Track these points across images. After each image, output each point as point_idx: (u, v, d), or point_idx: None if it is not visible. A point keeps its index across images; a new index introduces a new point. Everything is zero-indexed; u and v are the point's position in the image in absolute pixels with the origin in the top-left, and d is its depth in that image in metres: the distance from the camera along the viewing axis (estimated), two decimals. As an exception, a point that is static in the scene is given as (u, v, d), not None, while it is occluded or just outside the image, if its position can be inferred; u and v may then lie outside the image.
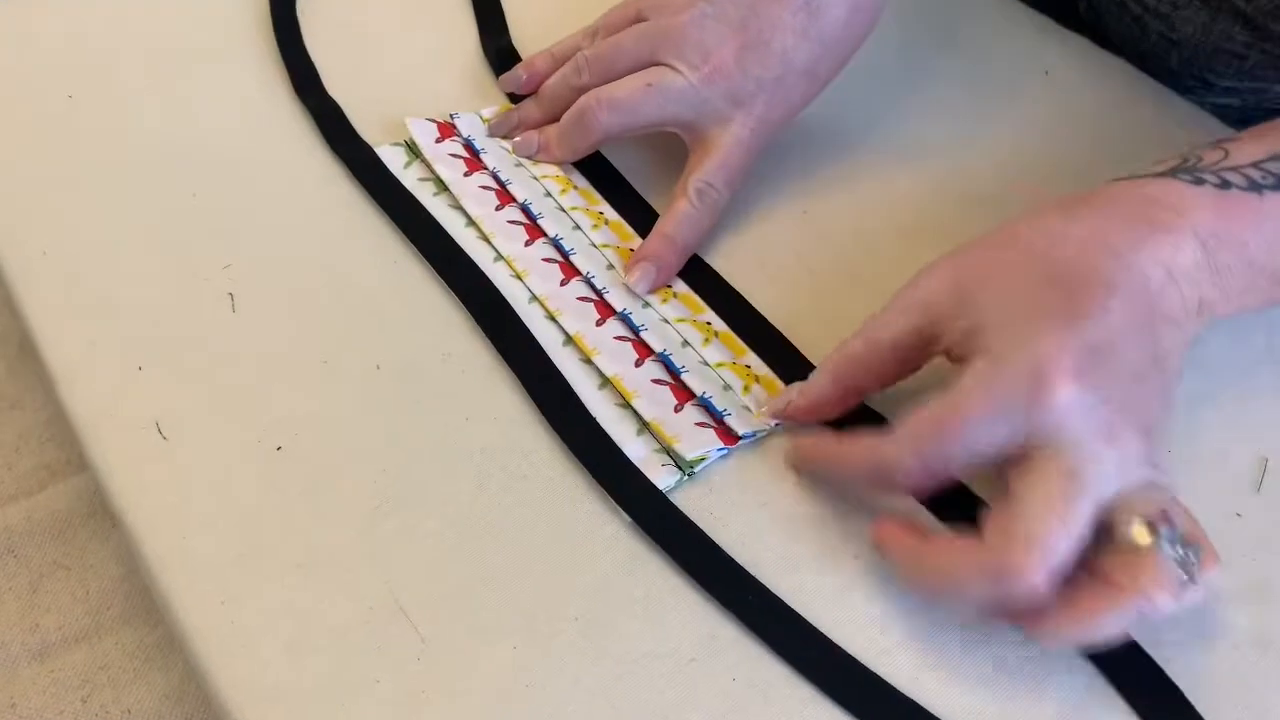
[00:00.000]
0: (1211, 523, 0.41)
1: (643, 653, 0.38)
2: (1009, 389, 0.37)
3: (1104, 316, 0.38)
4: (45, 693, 0.43)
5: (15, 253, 0.49)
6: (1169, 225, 0.40)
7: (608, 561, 0.40)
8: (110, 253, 0.49)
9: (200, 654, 0.38)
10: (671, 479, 0.42)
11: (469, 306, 0.47)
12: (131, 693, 0.44)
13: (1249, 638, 0.39)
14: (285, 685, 0.37)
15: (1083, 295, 0.38)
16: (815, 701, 0.37)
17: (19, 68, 0.57)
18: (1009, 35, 0.61)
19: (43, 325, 0.47)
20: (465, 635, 0.38)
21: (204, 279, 0.48)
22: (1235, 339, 0.48)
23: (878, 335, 0.41)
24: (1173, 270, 0.39)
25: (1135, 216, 0.40)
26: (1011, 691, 0.37)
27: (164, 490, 0.41)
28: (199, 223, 0.50)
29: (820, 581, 0.40)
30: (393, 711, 0.37)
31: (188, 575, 0.39)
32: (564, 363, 0.45)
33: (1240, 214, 0.40)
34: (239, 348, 0.46)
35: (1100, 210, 0.41)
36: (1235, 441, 0.44)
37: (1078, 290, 0.38)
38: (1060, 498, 0.35)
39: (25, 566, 0.47)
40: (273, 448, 0.43)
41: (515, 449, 0.43)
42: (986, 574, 0.35)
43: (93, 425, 0.43)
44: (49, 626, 0.45)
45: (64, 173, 0.52)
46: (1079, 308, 0.38)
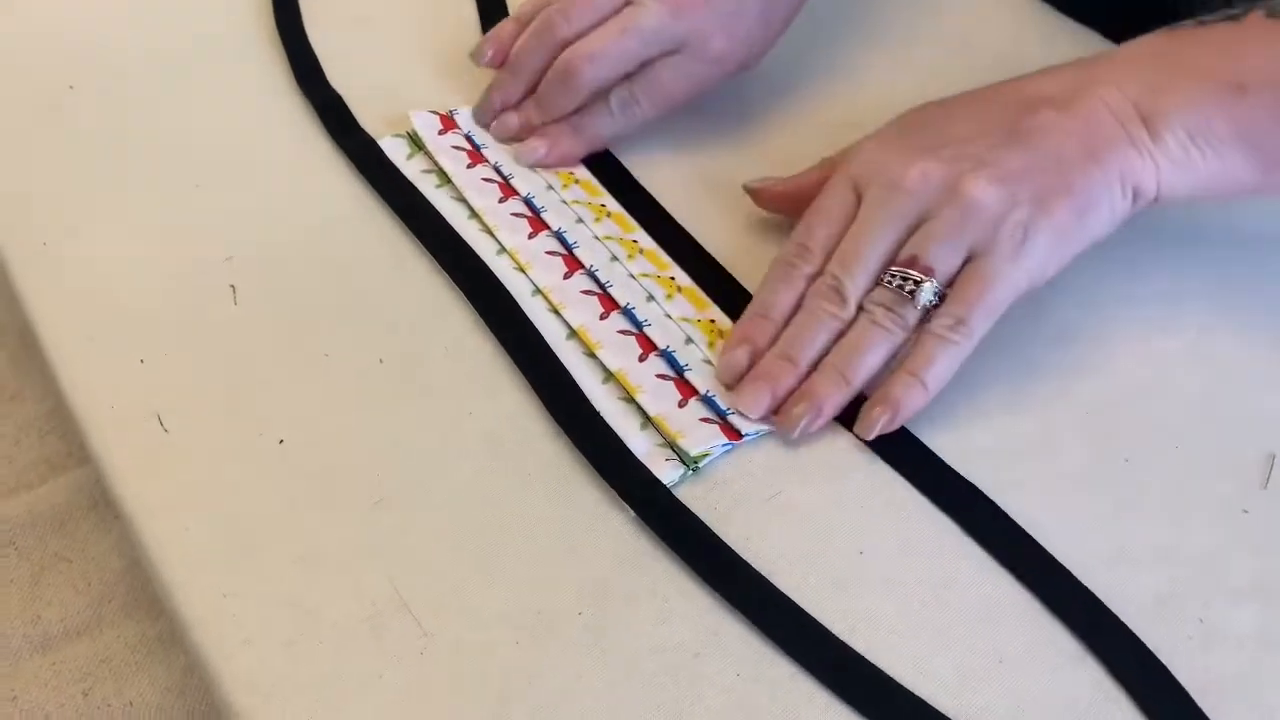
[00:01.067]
0: (1217, 520, 0.42)
1: (646, 648, 0.38)
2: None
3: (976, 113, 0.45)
4: (47, 685, 0.43)
5: (16, 245, 0.49)
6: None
7: (611, 556, 0.40)
8: (111, 245, 0.49)
9: (202, 647, 0.38)
10: (675, 474, 0.42)
11: (472, 299, 0.47)
12: (133, 685, 0.44)
13: (1255, 634, 0.39)
14: (287, 679, 0.37)
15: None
16: (819, 697, 0.37)
17: (20, 58, 0.57)
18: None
19: (44, 318, 0.47)
20: (468, 630, 0.38)
21: (205, 271, 0.48)
22: (1240, 334, 0.48)
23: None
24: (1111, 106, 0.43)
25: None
26: (1017, 688, 0.37)
27: (166, 483, 0.41)
28: (200, 214, 0.50)
29: (823, 577, 0.40)
30: (395, 705, 0.37)
31: (190, 568, 0.39)
32: (568, 356, 0.45)
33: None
34: (241, 340, 0.46)
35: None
36: (1242, 438, 0.44)
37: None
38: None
39: (26, 559, 0.47)
40: (274, 441, 0.43)
41: (518, 443, 0.43)
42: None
43: (95, 418, 0.43)
44: (50, 619, 0.45)
45: (65, 164, 0.52)
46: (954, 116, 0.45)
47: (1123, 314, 0.48)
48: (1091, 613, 0.39)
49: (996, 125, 0.44)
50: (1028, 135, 0.43)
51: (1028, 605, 0.39)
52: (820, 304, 0.44)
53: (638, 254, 0.49)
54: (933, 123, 0.46)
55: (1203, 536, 0.41)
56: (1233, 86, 0.42)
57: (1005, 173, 0.42)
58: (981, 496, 0.42)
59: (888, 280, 0.43)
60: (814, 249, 0.45)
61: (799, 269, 0.45)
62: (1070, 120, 0.43)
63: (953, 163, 0.43)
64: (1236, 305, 0.49)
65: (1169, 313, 0.48)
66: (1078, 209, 0.42)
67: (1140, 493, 0.42)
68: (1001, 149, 0.43)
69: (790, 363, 0.43)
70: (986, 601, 0.39)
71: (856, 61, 0.59)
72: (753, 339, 0.44)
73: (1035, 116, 0.43)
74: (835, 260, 0.44)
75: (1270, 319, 0.48)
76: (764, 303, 0.45)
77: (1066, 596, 0.39)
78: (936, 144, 0.44)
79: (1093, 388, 0.46)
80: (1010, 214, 0.42)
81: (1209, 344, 0.47)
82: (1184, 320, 0.48)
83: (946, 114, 0.46)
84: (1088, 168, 0.42)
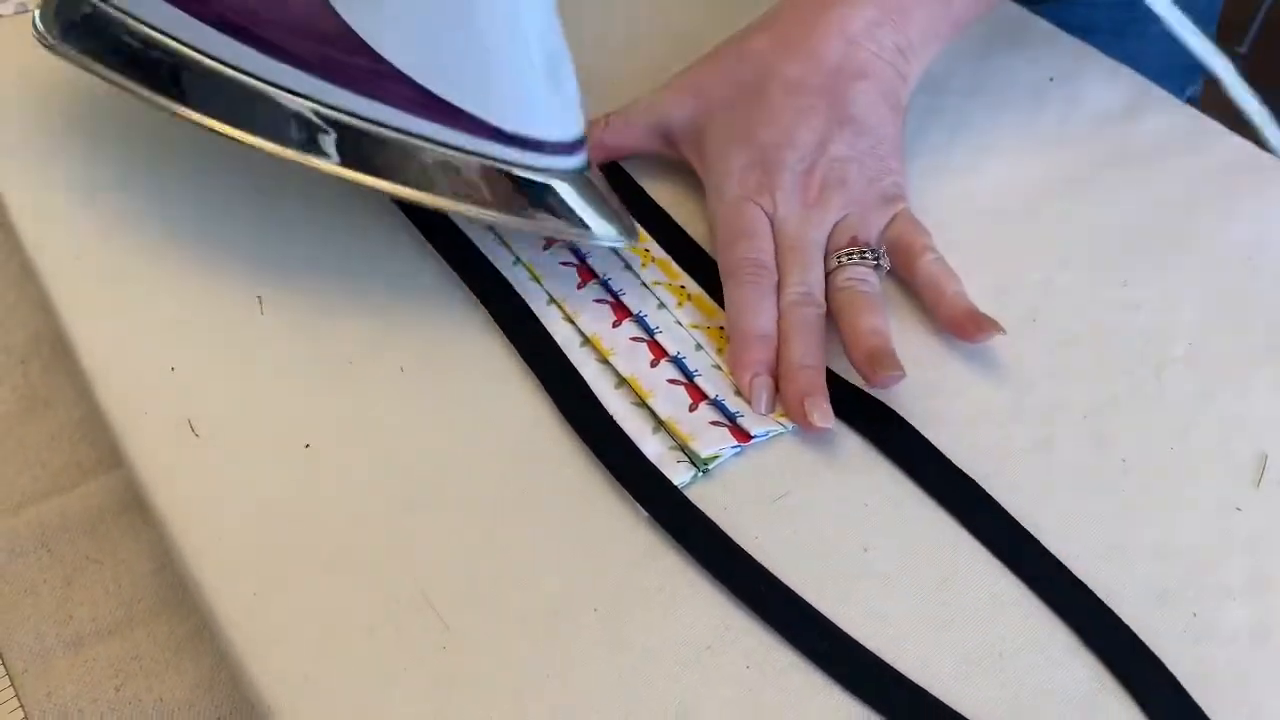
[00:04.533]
0: (1211, 518, 0.43)
1: (660, 642, 0.39)
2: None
3: (773, 116, 0.49)
4: (79, 682, 0.45)
5: (49, 255, 0.50)
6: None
7: (626, 555, 0.41)
8: (141, 255, 0.50)
9: (233, 645, 0.39)
10: (687, 475, 0.43)
11: (489, 308, 0.48)
12: (163, 681, 0.45)
13: (1247, 629, 0.40)
14: (316, 675, 0.38)
15: (756, 105, 0.50)
16: (827, 689, 0.38)
17: (50, 70, 0.58)
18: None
19: (76, 327, 0.48)
20: (489, 627, 0.39)
21: (233, 281, 0.49)
22: (1235, 335, 0.49)
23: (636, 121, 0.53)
24: (850, 35, 0.50)
25: (811, 5, 0.51)
26: (1016, 681, 0.38)
27: (197, 487, 0.43)
28: (229, 226, 0.51)
29: (831, 573, 0.41)
30: (419, 700, 0.38)
31: (221, 569, 0.41)
32: (582, 363, 0.46)
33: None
34: (267, 348, 0.47)
35: (782, 17, 0.52)
36: (1235, 437, 0.45)
37: (753, 103, 0.50)
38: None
39: (59, 561, 0.48)
40: (301, 446, 0.44)
41: (535, 447, 0.44)
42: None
43: (127, 424, 0.45)
44: (82, 618, 0.46)
45: (96, 175, 0.53)
46: (753, 118, 0.50)
47: (1119, 318, 0.49)
48: (1089, 608, 0.40)
49: (820, 115, 0.50)
50: (849, 119, 0.50)
51: (1027, 601, 0.40)
52: (807, 312, 0.47)
53: (650, 263, 0.50)
54: (756, 107, 0.50)
55: (1197, 534, 0.42)
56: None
57: (853, 153, 0.50)
58: (982, 495, 0.43)
59: (848, 257, 0.48)
60: (767, 264, 0.48)
61: (764, 283, 0.47)
62: (867, 82, 0.50)
63: (822, 170, 0.49)
64: (1230, 308, 0.50)
65: (1164, 317, 0.50)
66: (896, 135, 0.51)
67: (1137, 492, 0.43)
68: (838, 138, 0.50)
69: (816, 368, 0.45)
70: (987, 597, 0.40)
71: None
72: (764, 361, 0.46)
73: (850, 97, 0.50)
74: (794, 274, 0.48)
75: (1263, 322, 0.49)
76: (753, 325, 0.46)
77: (1065, 592, 0.40)
78: (781, 141, 0.49)
79: (1090, 390, 0.47)
80: (876, 181, 0.50)
81: (1203, 347, 0.48)
82: (1179, 324, 0.49)
83: (763, 103, 0.50)
84: (895, 119, 0.51)
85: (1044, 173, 0.56)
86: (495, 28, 0.42)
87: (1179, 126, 0.58)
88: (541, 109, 0.44)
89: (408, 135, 0.43)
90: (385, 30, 0.42)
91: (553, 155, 0.44)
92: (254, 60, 0.43)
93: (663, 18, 0.62)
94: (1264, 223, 0.54)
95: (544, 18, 0.43)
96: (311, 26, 0.42)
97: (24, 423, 0.51)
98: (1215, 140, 0.58)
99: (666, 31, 0.55)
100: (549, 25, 0.43)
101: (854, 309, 0.47)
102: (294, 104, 0.44)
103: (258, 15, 0.43)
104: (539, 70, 0.43)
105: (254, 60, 0.43)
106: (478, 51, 0.42)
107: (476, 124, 0.43)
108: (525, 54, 0.42)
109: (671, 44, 0.58)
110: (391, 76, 0.42)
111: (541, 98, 0.43)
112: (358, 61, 0.42)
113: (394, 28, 0.42)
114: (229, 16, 0.43)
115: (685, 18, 0.62)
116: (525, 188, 0.45)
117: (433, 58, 0.42)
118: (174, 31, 0.44)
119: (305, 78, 0.43)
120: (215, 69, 0.44)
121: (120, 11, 0.45)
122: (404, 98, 0.43)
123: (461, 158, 0.44)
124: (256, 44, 0.43)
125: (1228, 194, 0.55)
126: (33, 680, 0.44)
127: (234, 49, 0.43)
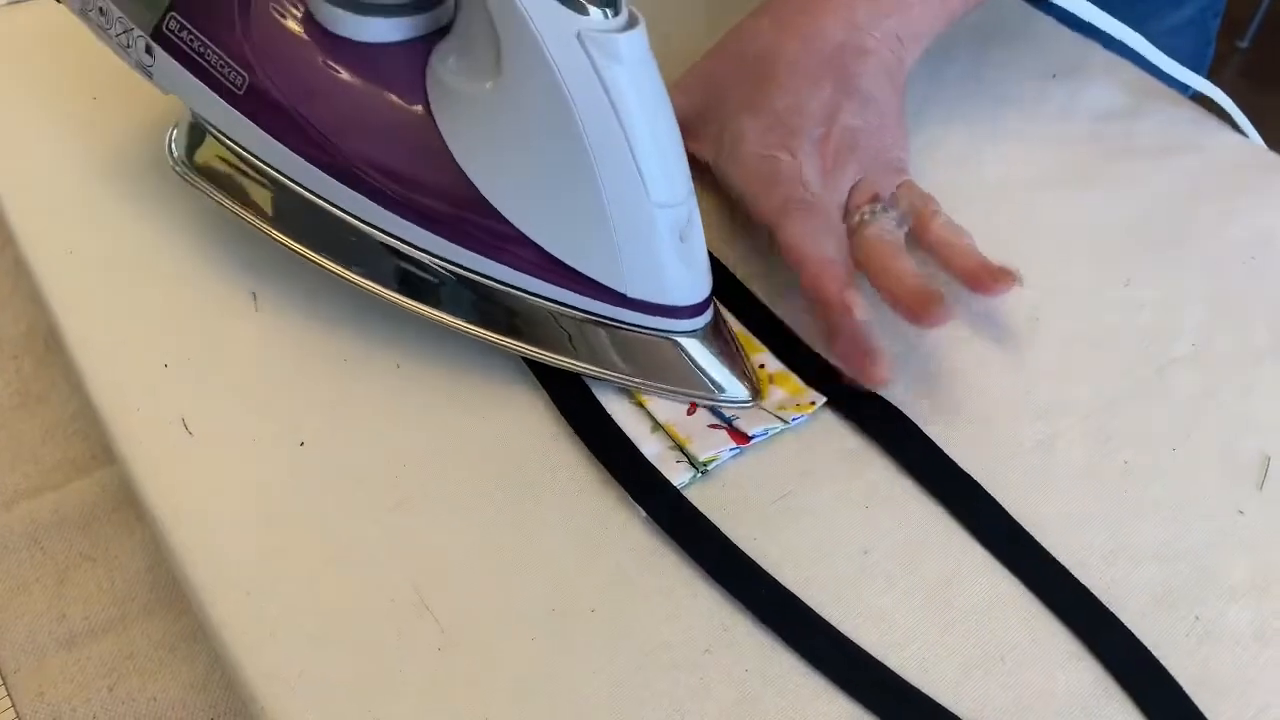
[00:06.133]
0: (1213, 520, 0.42)
1: (658, 644, 0.39)
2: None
3: (784, 88, 0.50)
4: (73, 681, 0.44)
5: (42, 252, 0.50)
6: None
7: (624, 555, 0.41)
8: (134, 252, 0.50)
9: (227, 645, 0.39)
10: (686, 475, 0.43)
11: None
12: (157, 681, 0.45)
13: (1250, 632, 0.40)
14: (310, 675, 0.38)
15: (766, 79, 0.50)
16: (826, 692, 0.38)
17: (45, 69, 0.58)
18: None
19: (70, 324, 0.48)
20: (486, 627, 0.39)
21: (227, 278, 0.49)
22: (1237, 336, 0.49)
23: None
24: (852, 19, 0.51)
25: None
26: (1017, 684, 0.38)
27: (191, 485, 0.43)
28: (222, 223, 0.51)
29: (831, 575, 0.41)
30: (415, 701, 0.38)
31: (215, 568, 0.40)
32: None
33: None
34: (262, 346, 0.47)
35: (781, 3, 0.53)
36: (1238, 439, 0.45)
37: (763, 78, 0.50)
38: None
39: (52, 559, 0.48)
40: (296, 444, 0.44)
41: (534, 445, 0.44)
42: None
43: (121, 422, 0.44)
44: (75, 617, 0.46)
45: (89, 173, 0.53)
46: (764, 90, 0.50)
47: (1120, 318, 0.49)
48: (1090, 611, 0.40)
49: (828, 88, 0.50)
50: (856, 91, 0.50)
51: (1028, 603, 0.40)
52: (885, 230, 0.48)
53: None
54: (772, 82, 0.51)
55: (1199, 536, 0.42)
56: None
57: (862, 124, 0.50)
58: (983, 495, 0.43)
59: (871, 214, 0.48)
60: (813, 203, 0.48)
61: (818, 218, 0.48)
62: (871, 58, 0.51)
63: (835, 137, 0.49)
64: (1233, 309, 0.50)
65: (1166, 317, 0.49)
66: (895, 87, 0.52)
67: (1138, 493, 0.43)
68: (847, 109, 0.50)
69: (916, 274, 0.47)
70: (988, 600, 0.40)
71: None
72: (847, 278, 0.46)
73: (855, 71, 0.51)
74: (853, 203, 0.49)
75: (1266, 322, 0.49)
76: (825, 250, 0.47)
77: (1066, 595, 0.40)
78: (796, 108, 0.50)
79: (1092, 391, 0.47)
80: (884, 152, 0.51)
81: (1206, 348, 0.48)
82: (1181, 324, 0.49)
83: (773, 76, 0.51)
84: (897, 96, 0.52)
85: (1045, 169, 0.56)
86: (621, 201, 0.41)
87: (1182, 123, 0.58)
88: (669, 277, 0.43)
89: (534, 296, 0.43)
90: (513, 198, 0.42)
91: (679, 319, 0.44)
92: (382, 216, 0.44)
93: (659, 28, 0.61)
94: (1267, 220, 0.54)
95: (671, 187, 0.41)
96: (444, 191, 0.43)
97: (16, 418, 0.51)
98: (1218, 137, 0.58)
99: (666, 49, 0.55)
100: (677, 192, 0.42)
101: (888, 255, 0.47)
102: (421, 258, 0.44)
103: (390, 172, 0.43)
104: (666, 241, 0.42)
105: (382, 216, 0.44)
106: (602, 223, 0.41)
107: (602, 290, 0.43)
108: (652, 226, 0.42)
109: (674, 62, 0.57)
110: (517, 240, 0.42)
111: (669, 266, 0.43)
112: (486, 224, 0.42)
113: (521, 196, 0.42)
114: (367, 178, 0.44)
115: (683, 33, 0.62)
116: (652, 347, 0.44)
117: (560, 227, 0.42)
118: (311, 185, 0.45)
119: (433, 237, 0.43)
120: (348, 222, 0.45)
121: (254, 158, 0.46)
122: (530, 261, 0.43)
123: (589, 320, 0.44)
124: (388, 204, 0.44)
125: (1230, 191, 0.55)
126: (25, 679, 0.44)
127: (369, 209, 0.44)
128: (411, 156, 0.43)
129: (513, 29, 0.39)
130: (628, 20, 0.39)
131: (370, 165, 0.43)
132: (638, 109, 0.40)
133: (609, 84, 0.39)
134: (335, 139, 0.43)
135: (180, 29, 0.44)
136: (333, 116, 0.43)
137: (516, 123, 0.41)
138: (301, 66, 0.44)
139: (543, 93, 0.39)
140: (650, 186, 0.40)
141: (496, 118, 0.41)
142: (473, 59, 0.41)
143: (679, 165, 0.42)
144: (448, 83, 0.42)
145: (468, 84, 0.41)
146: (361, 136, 0.43)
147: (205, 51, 0.44)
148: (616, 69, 0.39)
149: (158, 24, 0.45)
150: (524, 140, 0.41)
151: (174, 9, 0.45)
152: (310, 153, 0.44)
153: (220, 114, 0.45)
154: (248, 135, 0.45)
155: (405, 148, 0.43)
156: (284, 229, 0.46)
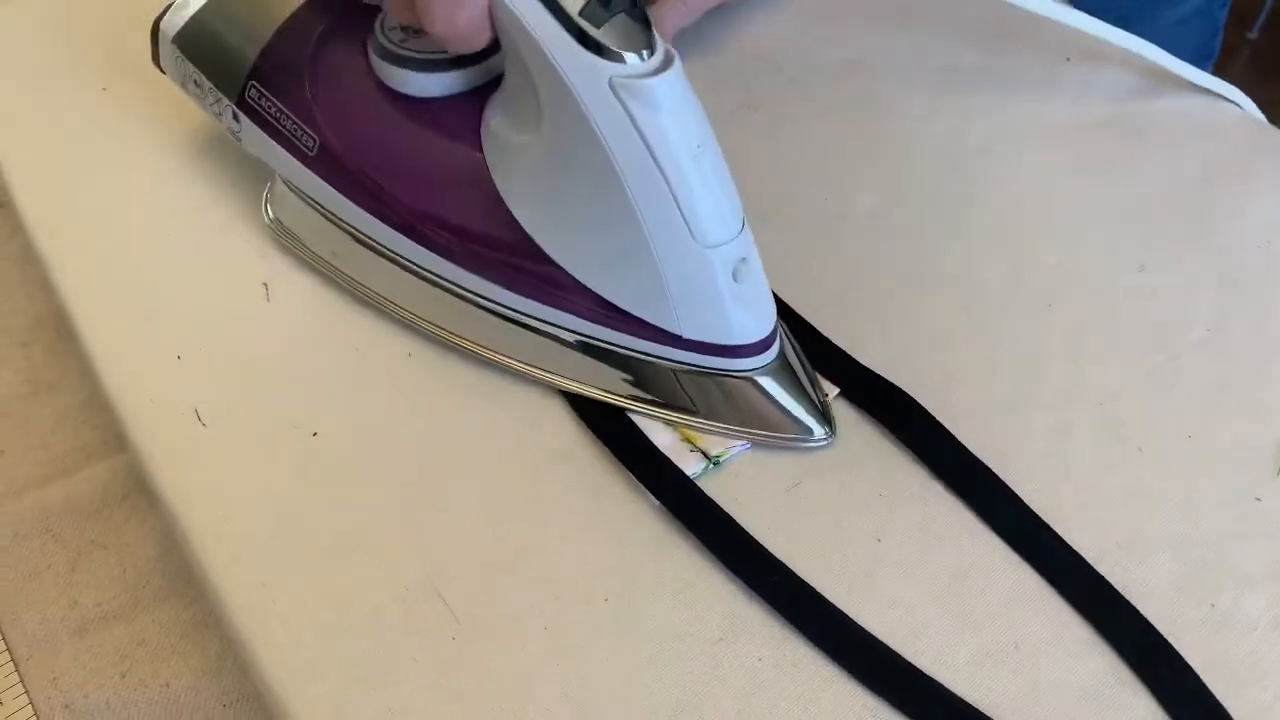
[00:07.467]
0: (1230, 507, 0.42)
1: (671, 633, 0.39)
2: None
3: None
4: (85, 667, 0.44)
5: (53, 241, 0.50)
6: None
7: (636, 544, 0.41)
8: (147, 242, 0.50)
9: (241, 632, 0.39)
10: (699, 466, 0.43)
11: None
12: (169, 667, 0.45)
13: (1268, 621, 0.40)
14: (323, 662, 0.38)
15: None
16: (839, 681, 0.38)
17: (55, 59, 0.58)
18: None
19: (82, 313, 0.48)
20: (498, 615, 0.39)
21: (239, 268, 0.49)
22: (1253, 320, 0.48)
23: None
24: None
25: None
26: (1032, 673, 0.38)
27: (205, 475, 0.43)
28: (234, 213, 0.51)
29: (843, 564, 0.41)
30: (428, 689, 0.38)
31: (228, 556, 0.40)
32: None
33: None
34: (273, 336, 0.47)
35: None
36: (1253, 425, 0.45)
37: None
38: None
39: (63, 546, 0.48)
40: (308, 433, 0.44)
41: (545, 434, 0.44)
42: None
43: (135, 412, 0.44)
44: (88, 604, 0.46)
45: (100, 162, 0.53)
46: None
47: (1135, 305, 0.49)
48: (1105, 599, 0.40)
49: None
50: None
51: (1043, 592, 0.40)
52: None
53: None
54: None
55: (1215, 524, 0.42)
56: None
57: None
58: (998, 483, 0.42)
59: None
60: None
61: None
62: None
63: None
64: (1248, 295, 0.49)
65: (1181, 303, 0.49)
66: None
67: (1154, 480, 0.43)
68: None
69: None
70: (1002, 588, 0.40)
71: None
72: None
73: None
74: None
75: (1278, 308, 0.49)
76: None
77: (1081, 583, 0.40)
78: None
79: (1106, 379, 0.46)
80: None
81: (1221, 334, 0.48)
82: (1196, 311, 0.49)
83: None
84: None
85: (1059, 154, 0.55)
86: (668, 245, 0.40)
87: (1195, 108, 0.58)
88: (724, 316, 0.42)
89: (595, 340, 0.43)
90: (565, 246, 0.42)
91: (739, 358, 0.43)
92: (446, 267, 0.45)
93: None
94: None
95: (721, 226, 0.41)
96: (500, 240, 0.43)
97: (27, 406, 0.51)
98: (1231, 123, 0.57)
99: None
100: (728, 231, 0.41)
101: None
102: (481, 302, 0.45)
103: (448, 224, 0.44)
104: (719, 281, 0.41)
105: (446, 267, 0.45)
106: (651, 268, 0.41)
107: (659, 333, 0.42)
108: (701, 268, 0.41)
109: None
110: (573, 288, 0.42)
111: (723, 305, 0.42)
112: (542, 270, 0.42)
113: (572, 244, 0.42)
114: (428, 231, 0.44)
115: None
116: (714, 386, 0.44)
117: (612, 274, 0.42)
118: (381, 240, 0.46)
119: (493, 286, 0.44)
120: (421, 272, 0.45)
121: (332, 215, 0.47)
122: (587, 308, 0.43)
123: (651, 362, 0.43)
124: (450, 255, 0.44)
125: (1244, 177, 0.55)
126: (37, 666, 0.44)
127: (434, 261, 0.45)
128: (469, 207, 0.43)
129: (547, 80, 0.38)
130: (663, 60, 0.39)
131: (430, 218, 0.44)
132: (680, 152, 0.39)
133: (645, 132, 0.38)
134: (399, 193, 0.44)
135: (259, 96, 0.46)
136: (396, 172, 0.44)
137: (561, 172, 0.41)
138: (366, 125, 0.45)
139: (581, 143, 0.39)
140: (696, 229, 0.40)
141: (542, 168, 0.41)
142: (519, 110, 0.41)
143: (728, 203, 0.41)
144: (499, 134, 0.42)
145: (516, 135, 0.42)
146: (423, 189, 0.44)
147: (280, 116, 0.46)
148: (651, 115, 0.38)
149: (240, 92, 0.46)
150: (569, 190, 0.41)
151: (253, 77, 0.46)
152: (378, 208, 0.45)
153: (298, 174, 0.46)
154: (323, 194, 0.46)
155: (463, 199, 0.43)
156: (376, 288, 0.47)
